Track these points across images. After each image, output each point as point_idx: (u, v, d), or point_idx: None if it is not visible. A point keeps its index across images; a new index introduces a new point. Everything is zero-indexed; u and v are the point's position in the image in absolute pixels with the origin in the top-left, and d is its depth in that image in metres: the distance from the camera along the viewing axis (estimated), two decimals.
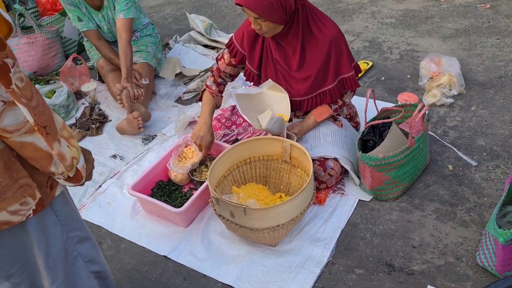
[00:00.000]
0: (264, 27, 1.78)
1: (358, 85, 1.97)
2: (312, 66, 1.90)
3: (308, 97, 1.98)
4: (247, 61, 2.03)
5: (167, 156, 2.17)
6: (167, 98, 2.79)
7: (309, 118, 2.06)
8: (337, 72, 1.91)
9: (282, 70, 1.96)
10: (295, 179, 1.97)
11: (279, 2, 1.70)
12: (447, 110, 2.40)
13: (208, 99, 2.11)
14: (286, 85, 1.98)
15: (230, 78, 2.15)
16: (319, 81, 1.93)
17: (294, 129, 2.04)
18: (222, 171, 1.92)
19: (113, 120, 2.72)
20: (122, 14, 2.65)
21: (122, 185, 2.24)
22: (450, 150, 2.15)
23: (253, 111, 2.07)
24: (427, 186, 1.99)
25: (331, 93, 1.95)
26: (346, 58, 1.90)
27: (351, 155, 2.02)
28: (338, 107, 2.04)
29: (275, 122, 1.93)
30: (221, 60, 2.11)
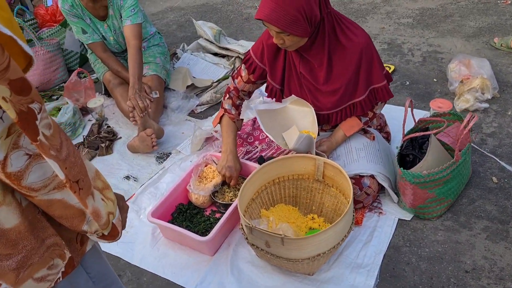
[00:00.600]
0: (287, 41, 1.62)
1: (391, 95, 1.82)
2: (341, 78, 1.74)
3: (337, 110, 1.83)
4: (268, 77, 1.88)
5: (187, 177, 2.01)
6: (179, 111, 2.64)
7: (337, 132, 1.91)
8: (368, 82, 1.76)
9: (307, 84, 1.81)
10: (329, 199, 1.81)
11: (304, 15, 1.54)
12: (481, 116, 2.25)
13: (229, 125, 1.97)
14: (313, 99, 1.83)
15: (248, 95, 2.00)
16: (349, 93, 1.78)
17: (323, 146, 1.89)
18: (250, 194, 1.76)
19: (123, 137, 2.56)
20: (129, 20, 2.50)
21: (139, 210, 2.08)
22: (491, 160, 2.00)
23: (277, 128, 1.92)
24: (472, 202, 1.84)
25: (362, 105, 1.80)
26: (377, 67, 1.75)
27: (387, 170, 1.87)
28: (369, 119, 1.89)
29: (303, 141, 1.77)
30: (237, 78, 1.95)
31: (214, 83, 2.80)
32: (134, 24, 2.50)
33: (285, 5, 1.51)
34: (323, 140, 1.92)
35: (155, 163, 2.34)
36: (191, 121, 2.60)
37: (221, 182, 2.00)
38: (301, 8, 1.52)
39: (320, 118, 1.89)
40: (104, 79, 2.74)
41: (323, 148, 1.88)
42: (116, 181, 2.26)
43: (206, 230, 1.88)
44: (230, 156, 1.92)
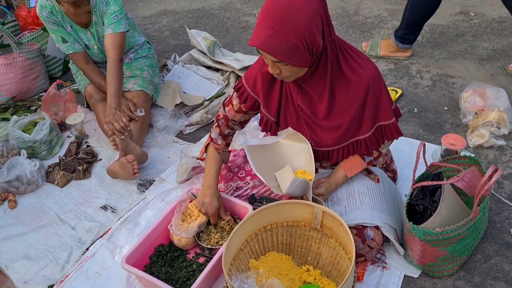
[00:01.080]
0: (284, 72, 1.41)
1: (400, 133, 1.60)
2: (344, 113, 1.53)
3: (339, 147, 1.62)
4: (262, 108, 1.66)
5: (169, 215, 1.80)
6: (167, 132, 2.42)
7: (338, 172, 1.70)
8: (375, 118, 1.55)
9: (305, 118, 1.59)
10: (327, 250, 1.60)
11: (305, 43, 1.32)
12: (497, 154, 2.04)
13: (214, 156, 1.76)
14: (311, 134, 1.61)
15: (239, 125, 1.78)
16: (353, 129, 1.56)
17: (320, 189, 1.68)
18: (238, 245, 1.55)
19: (103, 159, 2.34)
20: (111, 29, 2.27)
21: (114, 249, 1.86)
22: (509, 207, 1.79)
23: (269, 167, 1.71)
24: (487, 259, 1.63)
25: (367, 143, 1.59)
26: (385, 103, 1.53)
27: (393, 219, 1.66)
28: (374, 159, 1.68)
29: (298, 185, 1.56)
30: (228, 106, 1.73)
31: (206, 101, 2.58)
32: (116, 33, 2.27)
33: (284, 32, 1.29)
34: (321, 180, 1.71)
35: (137, 191, 2.13)
36: (178, 144, 2.38)
37: (206, 221, 1.79)
38: (302, 35, 1.30)
39: (319, 154, 1.68)
40: (85, 93, 2.52)
41: (320, 191, 1.67)
42: (91, 211, 2.04)
43: (188, 279, 1.67)
44: (208, 191, 1.72)
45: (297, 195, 1.64)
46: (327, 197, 1.71)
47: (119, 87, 2.20)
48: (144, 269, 1.71)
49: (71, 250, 1.88)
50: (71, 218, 2.02)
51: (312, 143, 1.64)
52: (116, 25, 2.28)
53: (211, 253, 1.73)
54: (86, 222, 1.99)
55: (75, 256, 1.85)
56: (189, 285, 1.62)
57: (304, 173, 1.68)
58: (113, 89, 2.16)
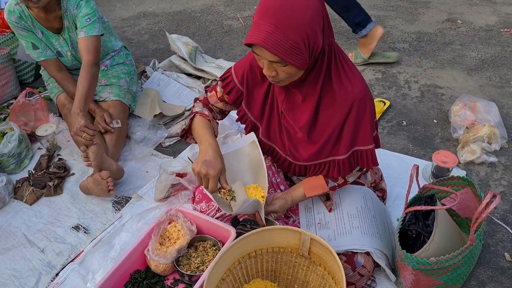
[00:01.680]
0: (281, 74, 1.30)
1: (376, 163, 1.48)
2: (323, 127, 1.44)
3: (315, 163, 1.53)
4: (243, 103, 1.56)
5: (146, 238, 1.67)
6: (145, 144, 2.29)
7: (296, 189, 1.61)
8: (353, 141, 1.45)
9: (287, 127, 1.50)
10: (315, 278, 1.50)
11: (307, 42, 1.21)
12: (488, 171, 1.98)
13: (204, 122, 1.57)
14: (290, 147, 1.53)
15: (220, 114, 1.66)
16: (330, 147, 1.47)
17: (274, 205, 1.58)
18: (220, 274, 1.44)
19: (76, 174, 2.20)
20: (83, 32, 2.14)
21: (86, 275, 1.73)
22: (502, 229, 1.73)
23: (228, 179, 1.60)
24: (482, 285, 1.56)
25: (340, 167, 1.49)
26: (367, 126, 1.42)
27: (384, 243, 1.57)
28: (337, 186, 1.58)
29: (248, 206, 1.47)
30: (211, 92, 1.62)
31: (187, 111, 2.46)
32: (90, 36, 2.14)
33: (286, 28, 1.18)
34: (277, 196, 1.61)
35: (112, 209, 1.99)
36: (157, 157, 2.25)
37: (186, 245, 1.67)
38: (304, 33, 1.20)
39: (296, 168, 1.60)
40: (58, 101, 2.37)
41: (274, 208, 1.58)
42: (62, 232, 1.91)
43: None
44: (210, 150, 1.46)
45: (248, 213, 1.56)
46: (281, 214, 1.62)
47: (89, 91, 2.03)
48: None
49: (39, 275, 1.74)
50: (40, 240, 1.88)
51: (290, 156, 1.56)
52: (89, 28, 2.14)
53: (191, 280, 1.62)
54: (56, 244, 1.85)
55: (43, 282, 1.72)
56: None
57: (257, 189, 1.59)
58: (80, 92, 1.99)
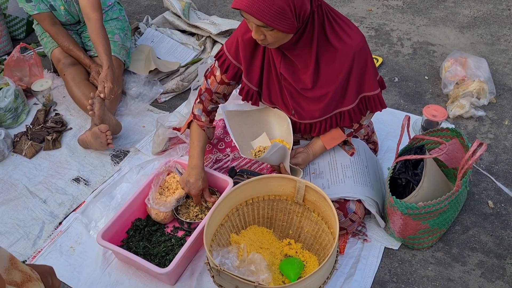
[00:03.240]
0: (269, 38, 1.33)
1: (384, 105, 1.57)
2: (329, 83, 1.48)
3: (321, 120, 1.57)
4: (244, 77, 1.58)
5: (145, 189, 1.73)
6: (141, 100, 2.31)
7: (316, 143, 1.67)
8: (360, 89, 1.51)
9: (289, 88, 1.53)
10: (309, 223, 1.58)
11: (293, 7, 1.24)
12: (476, 124, 2.04)
13: (198, 134, 1.68)
14: (294, 105, 1.56)
15: (223, 98, 1.70)
16: (336, 100, 1.52)
17: (297, 159, 1.65)
18: (219, 220, 1.51)
19: (74, 128, 2.23)
20: None
21: (89, 223, 1.79)
22: (487, 179, 1.81)
23: (248, 134, 1.67)
24: (465, 230, 1.65)
25: (351, 115, 1.55)
26: (371, 73, 1.48)
27: (375, 192, 1.65)
28: (353, 131, 1.64)
29: (276, 152, 1.53)
30: (211, 78, 1.65)
31: (181, 67, 2.47)
32: None
33: None
34: (299, 150, 1.67)
35: (110, 162, 2.04)
36: (153, 112, 2.28)
37: (185, 195, 1.74)
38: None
39: (301, 128, 1.64)
40: (52, 57, 2.36)
41: (297, 161, 1.64)
42: (63, 184, 1.96)
43: (167, 254, 1.63)
44: (194, 171, 1.65)
45: (273, 164, 1.61)
46: (304, 167, 1.68)
47: (110, 48, 2.10)
48: (121, 244, 1.66)
49: (43, 224, 1.80)
50: (42, 191, 1.93)
51: (295, 116, 1.59)
52: None
53: (190, 227, 1.69)
54: (58, 195, 1.91)
55: (47, 230, 1.78)
56: (169, 260, 1.59)
57: (282, 142, 1.65)
58: (107, 50, 2.07)
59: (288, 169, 1.59)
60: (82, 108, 2.21)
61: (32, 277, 0.70)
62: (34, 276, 0.71)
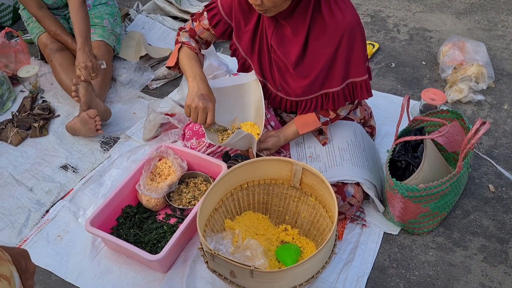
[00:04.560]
0: (267, 2, 1.28)
1: (371, 94, 1.52)
2: (315, 59, 1.44)
3: (307, 98, 1.53)
4: (234, 36, 1.54)
5: (136, 174, 1.67)
6: (131, 86, 2.24)
7: (289, 127, 1.63)
8: (347, 72, 1.46)
9: (278, 61, 1.49)
10: (306, 208, 1.53)
11: None
12: (475, 109, 2.00)
13: (191, 55, 1.53)
14: (281, 81, 1.53)
15: (205, 44, 1.63)
16: (322, 79, 1.47)
17: (267, 143, 1.60)
18: (212, 204, 1.45)
19: (62, 115, 2.15)
20: None
21: (77, 211, 1.72)
22: (487, 163, 1.77)
23: (220, 113, 1.60)
24: (466, 214, 1.61)
25: (335, 98, 1.51)
26: (360, 57, 1.43)
27: (373, 175, 1.60)
28: (329, 121, 1.59)
29: (242, 138, 1.47)
30: (196, 22, 1.58)
31: None
32: None
33: None
34: (270, 134, 1.63)
35: (100, 150, 1.97)
36: (144, 99, 2.22)
37: (177, 181, 1.67)
38: None
39: (287, 104, 1.60)
40: (39, 42, 2.28)
41: (267, 145, 1.60)
42: (50, 171, 1.88)
43: (158, 241, 1.57)
44: (201, 83, 1.44)
45: (241, 149, 1.58)
46: (274, 151, 1.64)
47: (89, 30, 2.01)
48: (111, 231, 1.60)
49: (29, 213, 1.73)
50: (28, 179, 1.85)
51: (282, 92, 1.55)
52: None
53: (183, 214, 1.63)
54: (44, 183, 1.84)
55: (33, 219, 1.71)
56: (160, 247, 1.53)
57: (253, 126, 1.61)
58: (84, 31, 1.96)
59: (255, 155, 1.54)
60: (70, 94, 2.13)
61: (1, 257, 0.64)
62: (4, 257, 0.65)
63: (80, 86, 1.90)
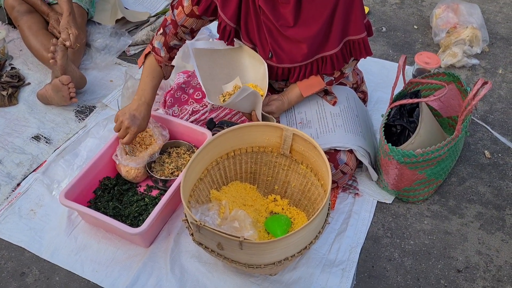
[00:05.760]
0: None
1: (370, 52, 1.44)
2: (312, 22, 1.34)
3: (301, 65, 1.43)
4: (220, 10, 1.41)
5: (114, 144, 1.55)
6: (107, 52, 2.09)
7: (292, 90, 1.53)
8: (344, 32, 1.37)
9: (268, 24, 1.38)
10: (296, 177, 1.45)
11: None
12: (469, 74, 1.93)
13: (153, 69, 1.50)
14: (274, 46, 1.41)
15: (190, 34, 1.51)
16: (319, 43, 1.38)
17: (271, 106, 1.51)
18: (197, 174, 1.35)
19: (32, 83, 2.00)
20: None
21: (51, 184, 1.61)
22: (482, 129, 1.71)
23: (218, 77, 1.50)
24: (462, 181, 1.55)
25: (333, 61, 1.42)
26: (358, 14, 1.35)
27: (367, 142, 1.52)
28: (334, 80, 1.50)
29: (246, 98, 1.37)
30: (178, 8, 1.45)
31: (151, 17, 2.26)
32: None
33: None
34: (273, 98, 1.53)
35: (74, 119, 1.84)
36: (122, 66, 2.08)
37: (159, 150, 1.57)
38: None
39: (278, 72, 1.49)
40: (6, 4, 2.10)
41: (271, 109, 1.50)
42: (21, 142, 1.75)
43: (140, 214, 1.47)
44: (142, 107, 1.46)
45: (244, 111, 1.48)
46: (277, 116, 1.54)
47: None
48: (88, 205, 1.49)
49: None
50: None
51: (274, 59, 1.44)
52: None
53: (166, 185, 1.54)
54: (15, 154, 1.71)
55: (3, 193, 1.59)
56: (142, 220, 1.43)
57: (256, 88, 1.50)
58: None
59: (259, 117, 1.44)
60: (41, 60, 1.99)
61: None
62: None
63: (58, 49, 1.77)
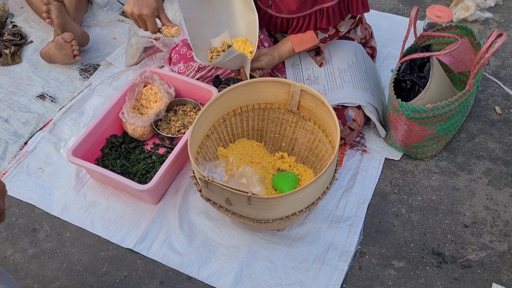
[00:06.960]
0: None
1: (367, 8, 1.41)
2: None
3: (299, 16, 1.40)
4: None
5: (119, 102, 1.54)
6: (109, 9, 2.04)
7: (284, 45, 1.50)
8: None
9: None
10: (303, 134, 1.43)
11: None
12: (481, 28, 1.87)
13: None
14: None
15: None
16: None
17: (261, 62, 1.47)
18: (204, 130, 1.34)
19: (35, 41, 1.97)
20: None
21: (58, 142, 1.61)
22: (494, 84, 1.67)
23: (207, 27, 1.45)
24: (471, 137, 1.53)
25: (329, 15, 1.39)
26: None
27: (375, 98, 1.49)
28: (328, 37, 1.46)
29: (234, 58, 1.34)
30: None
31: None
32: None
33: None
34: (263, 52, 1.49)
35: (79, 78, 1.82)
36: (125, 23, 2.03)
37: (165, 108, 1.55)
38: None
39: (277, 23, 1.47)
40: None
41: (260, 64, 1.47)
42: (26, 101, 1.74)
43: (147, 171, 1.47)
44: None
45: (232, 68, 1.45)
46: (267, 71, 1.51)
47: None
48: (96, 162, 1.50)
49: (6, 144, 1.61)
50: (3, 109, 1.71)
51: (273, 7, 1.42)
52: None
53: (172, 143, 1.53)
54: (21, 113, 1.70)
55: (11, 151, 1.59)
56: (150, 177, 1.44)
57: (245, 43, 1.46)
58: None
59: (248, 75, 1.41)
60: (41, 16, 1.94)
61: None
62: None
63: (52, 6, 1.72)
